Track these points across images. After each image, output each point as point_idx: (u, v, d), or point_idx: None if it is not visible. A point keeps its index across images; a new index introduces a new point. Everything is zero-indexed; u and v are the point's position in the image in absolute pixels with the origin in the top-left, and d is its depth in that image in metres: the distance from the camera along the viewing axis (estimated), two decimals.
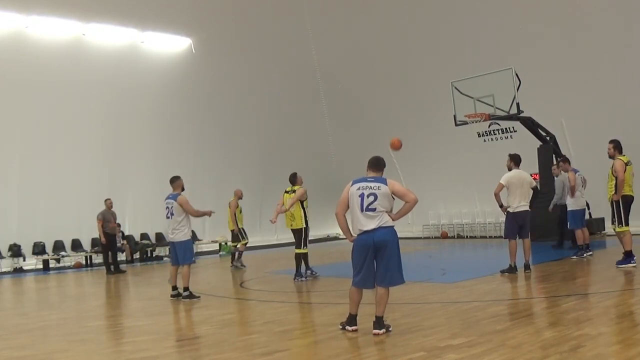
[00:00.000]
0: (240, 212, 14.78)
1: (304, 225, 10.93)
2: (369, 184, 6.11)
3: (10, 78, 16.84)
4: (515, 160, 10.21)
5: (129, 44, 19.22)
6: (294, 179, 11.32)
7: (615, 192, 9.71)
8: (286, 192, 11.27)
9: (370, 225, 6.01)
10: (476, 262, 13.71)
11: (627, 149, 17.09)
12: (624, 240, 9.76)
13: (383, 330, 6.00)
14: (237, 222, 14.42)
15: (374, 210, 6.01)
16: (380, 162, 6.34)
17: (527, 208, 10.02)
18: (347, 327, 6.21)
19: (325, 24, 20.68)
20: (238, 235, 14.51)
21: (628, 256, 9.71)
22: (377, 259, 6.07)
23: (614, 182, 9.78)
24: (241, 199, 14.70)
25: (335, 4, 20.37)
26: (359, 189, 6.12)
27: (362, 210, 6.04)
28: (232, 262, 14.70)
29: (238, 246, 14.58)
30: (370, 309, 6.17)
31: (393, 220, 6.12)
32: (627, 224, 9.73)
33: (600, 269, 10.27)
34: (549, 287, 8.70)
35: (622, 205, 9.69)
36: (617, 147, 10.06)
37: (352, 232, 6.26)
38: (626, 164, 9.86)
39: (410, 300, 7.96)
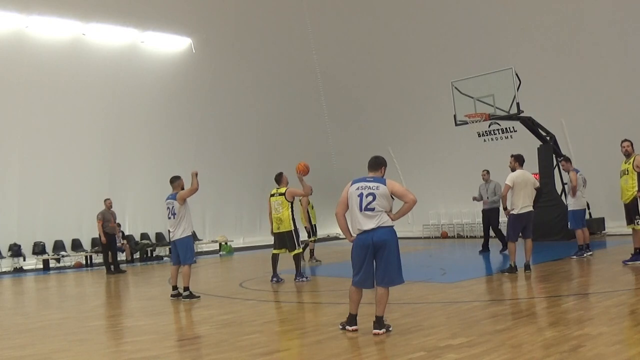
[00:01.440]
0: (312, 207, 14.71)
1: (292, 228, 10.86)
2: (368, 184, 6.13)
3: (10, 78, 16.85)
4: (519, 161, 10.20)
5: (129, 44, 19.22)
6: (279, 178, 11.22)
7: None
8: (272, 195, 11.16)
9: (369, 225, 6.02)
10: (476, 262, 13.69)
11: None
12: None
13: (383, 330, 6.00)
14: (309, 219, 14.26)
15: (372, 210, 6.03)
16: (379, 162, 6.33)
17: (530, 209, 9.99)
18: (348, 327, 6.21)
19: (325, 24, 20.68)
20: (310, 231, 14.51)
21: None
22: (376, 258, 6.07)
23: (635, 177, 9.67)
24: (311, 194, 14.37)
25: (335, 4, 20.38)
26: (357, 188, 6.14)
27: (360, 209, 6.06)
28: (310, 258, 14.76)
29: (308, 243, 14.70)
30: (370, 309, 6.18)
31: (393, 220, 6.13)
32: None
33: (600, 269, 10.27)
34: (549, 287, 8.70)
35: None
36: (632, 145, 10.00)
37: (351, 232, 6.27)
38: None
39: (410, 300, 7.96)
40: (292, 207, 10.88)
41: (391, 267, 6.06)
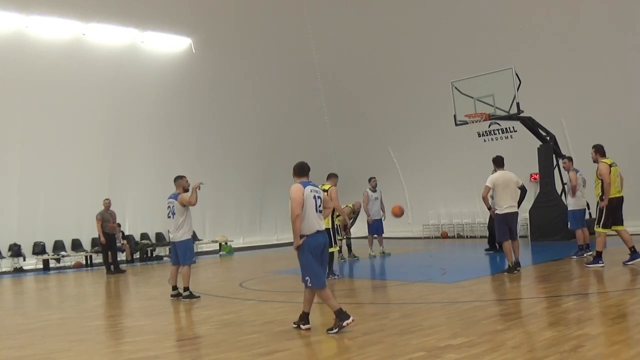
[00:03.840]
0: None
1: (330, 225, 10.83)
2: (315, 188, 6.52)
3: (10, 78, 16.84)
4: (496, 163, 10.28)
5: (129, 44, 19.23)
6: (330, 176, 11.44)
7: (602, 198, 9.93)
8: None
9: (321, 225, 6.45)
10: (476, 262, 13.70)
11: (627, 148, 17.14)
12: (597, 240, 10.11)
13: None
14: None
15: (321, 212, 6.48)
16: (307, 167, 6.67)
17: (515, 209, 10.08)
18: (303, 326, 6.38)
19: (325, 24, 20.68)
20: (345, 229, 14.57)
21: (598, 257, 10.03)
22: (321, 258, 6.43)
23: (599, 185, 10.00)
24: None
25: (335, 4, 20.38)
26: (311, 191, 6.42)
27: (316, 211, 6.40)
28: (349, 254, 14.85)
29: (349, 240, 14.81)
30: (369, 309, 6.17)
31: None
32: (607, 227, 9.99)
33: (600, 269, 10.27)
34: (549, 287, 8.70)
35: (605, 209, 9.95)
36: (598, 151, 10.25)
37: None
38: (610, 166, 10.04)
39: (410, 300, 7.96)
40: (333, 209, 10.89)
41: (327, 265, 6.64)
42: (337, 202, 11.02)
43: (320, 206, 6.43)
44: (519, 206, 10.20)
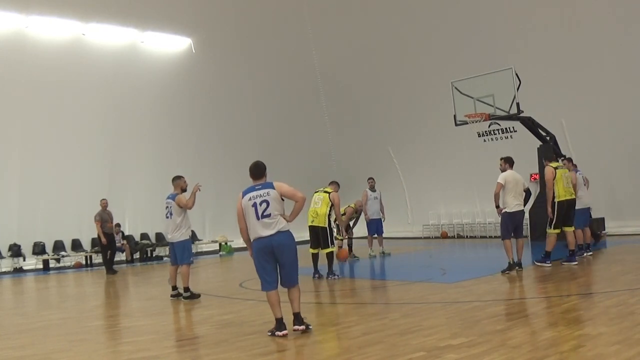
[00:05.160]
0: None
1: (326, 225, 10.99)
2: (258, 192, 6.29)
3: (10, 78, 16.84)
4: (509, 162, 10.41)
5: (129, 44, 19.23)
6: (332, 183, 11.86)
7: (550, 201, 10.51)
8: (316, 192, 11.43)
9: (267, 232, 6.21)
10: (476, 262, 13.69)
11: (627, 148, 17.12)
12: (548, 240, 10.52)
13: (303, 327, 6.23)
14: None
15: (269, 216, 6.22)
16: (260, 168, 6.49)
17: (522, 208, 10.21)
18: (278, 333, 6.22)
19: (325, 24, 20.68)
20: (347, 229, 14.61)
21: (547, 256, 10.42)
22: (280, 261, 6.29)
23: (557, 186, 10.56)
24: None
25: (335, 4, 20.38)
26: (250, 199, 6.28)
27: (258, 218, 6.22)
28: (349, 255, 14.73)
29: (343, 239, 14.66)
30: (369, 309, 6.17)
31: (288, 221, 6.33)
32: (558, 228, 10.49)
33: (600, 269, 10.28)
34: (549, 287, 8.70)
35: (556, 211, 10.46)
36: (546, 157, 11.13)
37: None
38: (556, 169, 10.53)
39: (410, 300, 7.96)
40: (330, 209, 11.07)
41: (294, 269, 6.36)
42: (338, 208, 11.26)
43: (265, 210, 6.18)
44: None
